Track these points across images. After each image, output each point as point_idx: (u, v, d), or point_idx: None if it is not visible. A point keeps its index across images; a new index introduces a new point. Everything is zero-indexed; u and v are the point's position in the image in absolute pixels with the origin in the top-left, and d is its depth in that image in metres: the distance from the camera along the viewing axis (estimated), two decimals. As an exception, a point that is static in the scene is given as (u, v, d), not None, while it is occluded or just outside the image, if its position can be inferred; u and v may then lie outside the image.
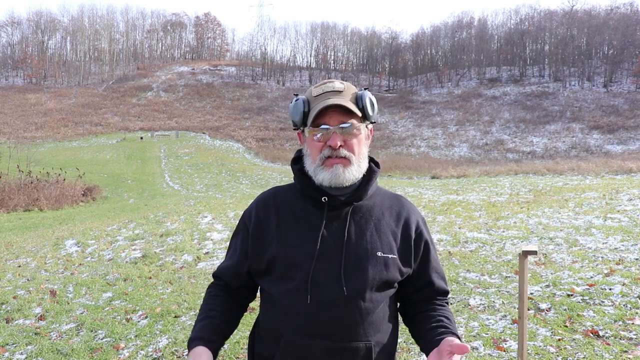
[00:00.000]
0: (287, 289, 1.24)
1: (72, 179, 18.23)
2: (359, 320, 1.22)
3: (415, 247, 1.32)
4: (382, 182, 21.58)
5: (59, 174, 17.68)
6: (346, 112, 1.24)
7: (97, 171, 26.72)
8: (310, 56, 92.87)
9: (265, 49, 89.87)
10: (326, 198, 1.27)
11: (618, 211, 8.19)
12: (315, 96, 1.28)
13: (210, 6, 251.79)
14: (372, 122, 1.33)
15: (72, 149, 40.48)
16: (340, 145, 1.24)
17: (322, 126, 1.24)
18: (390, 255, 1.27)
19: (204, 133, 49.76)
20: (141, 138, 46.22)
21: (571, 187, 13.16)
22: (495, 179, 19.99)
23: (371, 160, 1.38)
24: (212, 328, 1.30)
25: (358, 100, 1.27)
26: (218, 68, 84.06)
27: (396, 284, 1.31)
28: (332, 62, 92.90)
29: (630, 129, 42.65)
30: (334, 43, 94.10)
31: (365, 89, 1.31)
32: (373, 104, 1.28)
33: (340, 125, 1.23)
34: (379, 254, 1.26)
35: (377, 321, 1.26)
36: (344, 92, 1.27)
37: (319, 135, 1.25)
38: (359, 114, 1.26)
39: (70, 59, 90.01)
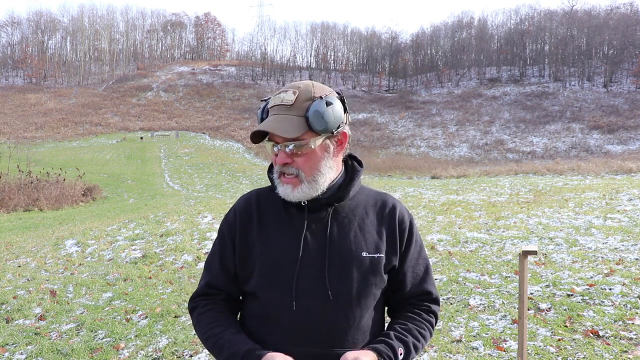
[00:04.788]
0: (271, 295, 1.20)
1: (72, 179, 18.23)
2: (346, 326, 1.18)
3: (400, 241, 1.27)
4: (382, 182, 21.58)
5: (59, 174, 17.68)
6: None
7: (97, 171, 26.73)
8: (310, 56, 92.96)
9: (265, 49, 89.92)
10: (306, 202, 1.22)
11: (618, 211, 8.19)
12: (269, 107, 1.22)
13: (210, 6, 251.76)
14: (337, 128, 1.19)
15: (72, 149, 40.48)
16: (287, 163, 1.18)
17: (271, 142, 1.20)
18: (376, 255, 1.22)
19: (204, 133, 49.76)
20: (141, 138, 46.21)
21: (571, 187, 13.16)
22: (495, 179, 19.99)
23: (354, 159, 1.32)
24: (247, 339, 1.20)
25: (307, 113, 1.16)
26: (218, 68, 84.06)
27: (385, 284, 1.26)
28: (332, 62, 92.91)
29: (630, 129, 42.65)
30: (334, 43, 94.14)
31: (326, 95, 1.17)
32: (322, 117, 1.14)
33: (285, 143, 1.17)
34: (363, 254, 1.21)
35: (365, 326, 1.22)
36: (294, 104, 1.17)
37: (275, 149, 1.20)
38: (302, 131, 1.15)
39: (70, 59, 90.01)
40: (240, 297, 1.34)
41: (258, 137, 1.21)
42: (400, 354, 1.18)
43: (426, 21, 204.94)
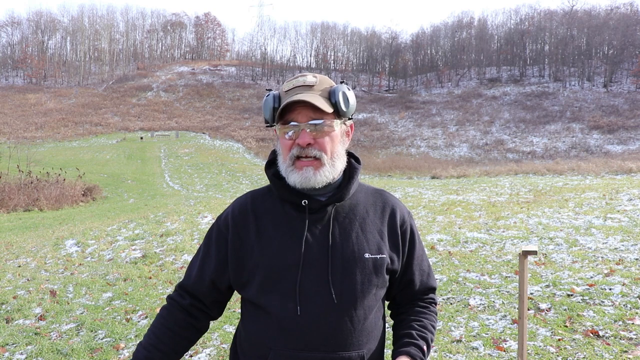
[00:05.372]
0: (274, 300, 1.17)
1: (72, 179, 18.23)
2: (351, 329, 1.17)
3: (402, 242, 1.27)
4: (382, 182, 21.58)
5: (59, 174, 17.68)
6: (316, 108, 1.15)
7: (97, 171, 26.72)
8: (310, 56, 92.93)
9: (265, 49, 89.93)
10: (306, 201, 1.19)
11: (618, 211, 8.18)
12: (285, 91, 1.20)
13: (210, 6, 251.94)
14: (349, 119, 1.24)
15: (72, 149, 40.47)
16: (310, 144, 1.16)
17: (292, 123, 1.16)
18: (378, 256, 1.21)
19: (204, 133, 49.75)
20: (141, 138, 46.20)
21: (571, 187, 13.16)
22: (495, 179, 19.99)
23: (351, 156, 1.29)
24: None
25: (331, 96, 1.18)
26: (218, 68, 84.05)
27: (386, 284, 1.26)
28: (332, 62, 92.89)
29: (630, 129, 42.64)
30: (334, 43, 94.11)
31: (341, 82, 1.22)
32: (347, 99, 1.18)
33: (310, 122, 1.15)
34: (366, 255, 1.19)
35: (369, 329, 1.21)
36: (316, 86, 1.18)
37: (290, 133, 1.17)
38: (331, 110, 1.16)
39: (70, 59, 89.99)
40: (210, 305, 1.31)
41: (279, 117, 1.19)
42: (425, 352, 1.23)
43: (426, 21, 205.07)
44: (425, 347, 1.22)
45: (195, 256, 1.33)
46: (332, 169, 1.19)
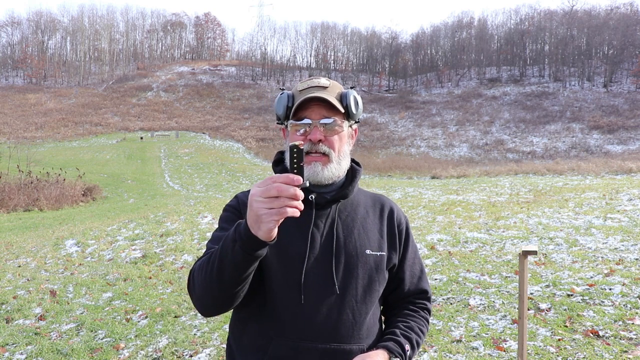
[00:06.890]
0: (279, 289, 1.19)
1: (72, 179, 18.22)
2: (352, 322, 1.20)
3: (399, 241, 1.33)
4: (382, 182, 21.58)
5: (59, 174, 17.67)
6: (329, 107, 1.22)
7: (97, 171, 26.72)
8: (310, 56, 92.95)
9: (265, 49, 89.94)
10: (313, 196, 1.23)
11: (618, 211, 8.18)
12: (300, 90, 1.26)
13: (210, 6, 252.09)
14: (356, 122, 1.31)
15: (72, 149, 40.46)
16: (320, 140, 1.21)
17: (305, 120, 1.22)
18: (378, 253, 1.26)
19: (204, 133, 49.75)
20: (141, 138, 46.20)
21: (571, 187, 13.16)
22: (495, 179, 19.99)
23: (352, 160, 1.35)
24: None
25: (342, 99, 1.25)
26: (218, 68, 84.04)
27: (386, 282, 1.30)
28: (332, 62, 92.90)
29: (630, 129, 42.64)
30: (334, 43, 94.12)
31: (351, 87, 1.30)
32: (357, 103, 1.26)
33: (322, 120, 1.21)
34: (367, 252, 1.25)
35: (369, 324, 1.24)
36: (329, 88, 1.25)
37: (301, 131, 1.22)
38: (342, 110, 1.24)
39: (70, 59, 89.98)
40: None
41: (290, 116, 1.24)
42: (407, 350, 1.22)
43: (426, 21, 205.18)
44: (407, 346, 1.22)
45: (217, 232, 1.25)
46: (338, 167, 1.25)
